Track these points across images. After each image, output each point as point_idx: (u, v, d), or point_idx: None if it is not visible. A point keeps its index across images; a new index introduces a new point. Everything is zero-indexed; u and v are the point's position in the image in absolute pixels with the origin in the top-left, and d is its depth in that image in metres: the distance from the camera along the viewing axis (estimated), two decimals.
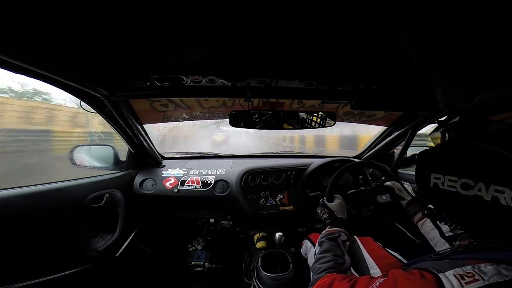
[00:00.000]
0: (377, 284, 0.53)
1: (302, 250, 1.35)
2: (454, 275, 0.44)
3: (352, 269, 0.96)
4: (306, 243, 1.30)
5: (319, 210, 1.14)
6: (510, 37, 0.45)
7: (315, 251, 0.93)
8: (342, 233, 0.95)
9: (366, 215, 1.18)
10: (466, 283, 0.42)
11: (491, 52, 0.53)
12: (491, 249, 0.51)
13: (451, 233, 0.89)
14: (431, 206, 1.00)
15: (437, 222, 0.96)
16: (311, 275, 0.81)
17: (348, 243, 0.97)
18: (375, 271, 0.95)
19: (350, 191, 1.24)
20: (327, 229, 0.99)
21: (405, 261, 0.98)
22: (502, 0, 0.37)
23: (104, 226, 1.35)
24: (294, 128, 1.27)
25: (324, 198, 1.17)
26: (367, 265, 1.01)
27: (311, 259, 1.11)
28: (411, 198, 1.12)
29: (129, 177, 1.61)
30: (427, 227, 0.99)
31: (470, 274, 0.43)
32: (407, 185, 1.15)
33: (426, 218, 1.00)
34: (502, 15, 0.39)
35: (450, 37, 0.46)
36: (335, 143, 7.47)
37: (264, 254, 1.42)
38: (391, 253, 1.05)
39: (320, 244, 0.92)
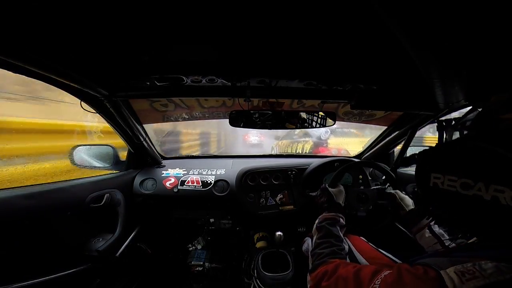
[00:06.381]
0: (382, 276, 0.54)
1: (304, 248, 1.34)
2: (455, 272, 0.44)
3: None
4: (308, 241, 1.29)
5: (318, 193, 1.15)
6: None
7: (313, 237, 0.92)
8: (341, 218, 0.94)
9: (361, 215, 1.17)
10: (467, 280, 0.42)
11: (493, 51, 0.53)
12: (491, 247, 0.52)
13: (452, 243, 0.86)
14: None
15: (436, 232, 0.93)
16: (311, 261, 0.79)
17: (345, 228, 0.95)
18: None
19: (353, 188, 1.24)
20: (324, 214, 0.97)
21: (399, 261, 0.97)
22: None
23: (104, 226, 1.34)
24: (296, 128, 1.28)
25: (327, 184, 1.18)
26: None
27: None
28: (410, 209, 1.08)
29: (129, 177, 1.61)
30: (426, 238, 0.95)
31: (471, 272, 0.43)
32: (408, 198, 1.14)
33: (424, 229, 0.97)
34: (503, 13, 0.39)
35: (450, 36, 0.46)
36: None
37: (264, 254, 1.43)
38: (384, 254, 1.03)
39: (320, 229, 0.90)
